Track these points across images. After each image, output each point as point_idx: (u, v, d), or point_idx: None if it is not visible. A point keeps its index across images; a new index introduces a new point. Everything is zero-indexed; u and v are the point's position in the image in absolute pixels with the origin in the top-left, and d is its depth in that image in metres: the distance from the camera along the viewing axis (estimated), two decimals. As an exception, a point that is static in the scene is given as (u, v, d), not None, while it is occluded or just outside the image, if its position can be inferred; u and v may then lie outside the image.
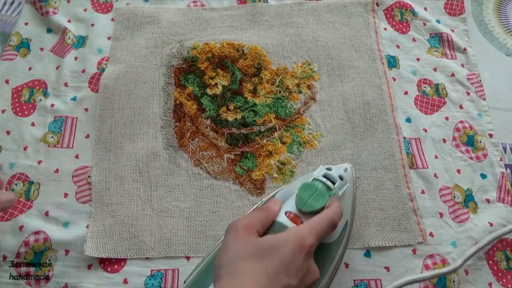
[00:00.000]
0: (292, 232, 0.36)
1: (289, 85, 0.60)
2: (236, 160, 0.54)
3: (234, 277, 0.32)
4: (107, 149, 0.54)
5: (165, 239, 0.50)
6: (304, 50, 0.63)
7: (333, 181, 0.42)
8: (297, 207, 0.40)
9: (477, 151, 0.57)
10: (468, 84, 0.62)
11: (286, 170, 0.54)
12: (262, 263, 0.33)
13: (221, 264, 0.34)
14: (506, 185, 0.55)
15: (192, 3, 0.67)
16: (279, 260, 0.33)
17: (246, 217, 0.38)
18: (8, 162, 0.53)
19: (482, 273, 0.50)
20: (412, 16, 0.67)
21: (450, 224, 0.52)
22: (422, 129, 0.58)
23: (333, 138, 0.56)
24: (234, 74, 0.60)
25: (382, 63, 0.62)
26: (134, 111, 0.57)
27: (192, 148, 0.55)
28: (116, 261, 0.49)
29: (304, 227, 0.36)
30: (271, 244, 0.34)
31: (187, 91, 0.59)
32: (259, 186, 0.53)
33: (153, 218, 0.51)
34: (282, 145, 0.55)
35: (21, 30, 0.63)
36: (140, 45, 0.62)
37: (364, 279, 0.49)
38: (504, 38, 0.67)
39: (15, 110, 0.57)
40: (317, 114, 0.58)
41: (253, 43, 0.63)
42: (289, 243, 0.34)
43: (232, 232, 0.36)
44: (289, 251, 0.33)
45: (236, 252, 0.34)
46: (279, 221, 0.38)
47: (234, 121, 0.57)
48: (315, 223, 0.37)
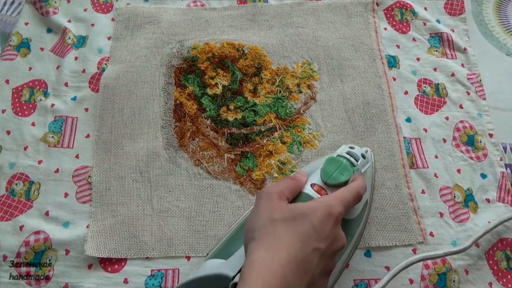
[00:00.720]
0: (320, 200, 0.38)
1: (289, 85, 0.60)
2: (236, 160, 0.54)
3: (269, 239, 0.34)
4: (107, 149, 0.54)
5: (165, 239, 0.50)
6: (304, 50, 0.63)
7: (356, 159, 0.44)
8: (322, 180, 0.42)
9: (477, 151, 0.57)
10: (468, 84, 0.62)
11: (287, 170, 0.54)
12: (294, 227, 0.35)
13: (255, 227, 0.35)
14: (506, 185, 0.55)
15: (192, 3, 0.67)
16: (309, 226, 0.35)
17: (276, 184, 0.40)
18: (8, 162, 0.53)
19: (482, 272, 0.50)
20: (412, 16, 0.67)
21: (450, 224, 0.52)
22: (422, 129, 0.58)
23: (334, 138, 0.56)
24: (234, 74, 0.60)
25: (382, 63, 0.62)
26: (135, 111, 0.57)
27: (192, 148, 0.55)
28: (117, 261, 0.49)
29: (332, 197, 0.38)
30: (302, 210, 0.36)
31: (187, 91, 0.59)
32: (260, 186, 0.53)
33: (153, 218, 0.51)
34: (283, 145, 0.55)
35: (21, 30, 0.63)
36: (140, 45, 0.62)
37: (365, 279, 0.49)
38: (504, 38, 0.67)
39: (15, 110, 0.57)
40: (317, 114, 0.58)
41: (253, 43, 0.63)
42: (319, 210, 0.36)
43: (264, 197, 0.37)
44: (319, 218, 0.35)
45: (269, 216, 0.35)
46: (306, 192, 0.41)
47: (234, 121, 0.57)
48: (343, 193, 0.39)
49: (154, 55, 0.61)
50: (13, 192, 0.52)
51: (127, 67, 0.60)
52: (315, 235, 0.35)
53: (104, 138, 0.55)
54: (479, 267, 0.50)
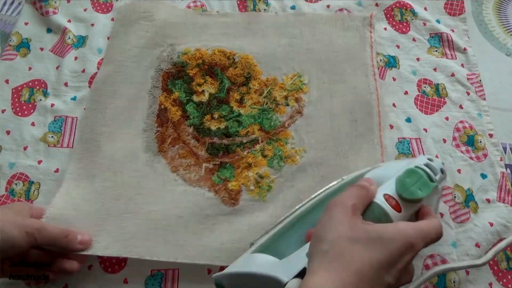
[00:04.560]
0: (402, 229, 0.34)
1: (277, 97, 0.58)
2: (214, 170, 0.53)
3: (340, 258, 0.31)
4: (85, 148, 0.53)
5: (121, 240, 0.47)
6: (296, 62, 0.60)
7: (435, 173, 0.40)
8: (397, 192, 0.38)
9: (477, 151, 0.57)
10: (468, 84, 0.62)
11: (264, 184, 0.52)
12: (370, 253, 0.31)
13: (326, 240, 0.33)
14: (506, 185, 0.55)
15: (192, 3, 0.67)
16: (387, 255, 0.32)
17: (349, 195, 0.36)
18: (8, 162, 0.53)
19: (482, 273, 0.50)
20: (412, 16, 0.67)
21: (451, 225, 0.52)
22: (423, 129, 0.58)
23: (316, 155, 0.54)
24: (223, 82, 0.59)
25: (374, 79, 0.59)
26: (117, 111, 0.56)
27: (171, 154, 0.54)
28: (117, 261, 0.49)
29: (414, 229, 0.34)
30: (380, 235, 0.33)
31: (173, 97, 0.58)
32: (234, 197, 0.51)
33: (116, 218, 0.49)
34: (263, 158, 0.54)
35: (21, 30, 0.63)
36: (132, 44, 0.60)
37: (365, 279, 0.49)
38: (504, 38, 0.67)
39: (15, 110, 0.57)
40: (303, 128, 0.56)
41: (245, 52, 0.61)
42: (398, 241, 0.32)
43: (339, 209, 0.34)
44: (398, 248, 0.32)
45: (343, 232, 0.33)
46: (378, 203, 0.37)
47: (217, 130, 0.55)
48: (428, 229, 0.35)
49: (144, 56, 0.60)
50: (13, 192, 0.52)
51: (116, 66, 0.59)
52: (388, 267, 0.32)
53: (84, 137, 0.54)
54: (479, 267, 0.50)
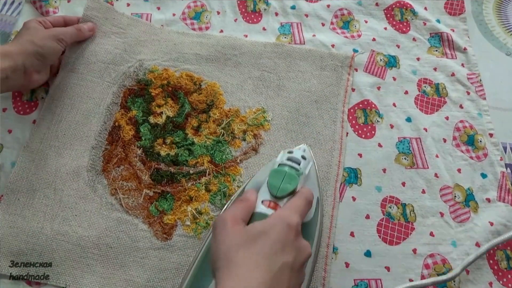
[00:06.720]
0: (276, 215, 0.37)
1: (235, 130, 0.55)
2: (153, 198, 0.51)
3: (233, 266, 0.33)
4: (31, 159, 0.52)
5: (53, 265, 0.47)
6: (263, 97, 0.58)
7: (297, 162, 0.43)
8: (271, 194, 0.41)
9: (478, 151, 0.57)
10: (468, 84, 0.62)
11: (202, 220, 0.50)
12: (256, 248, 0.34)
13: (218, 257, 0.35)
14: (506, 184, 0.55)
15: (192, 3, 0.67)
16: (271, 242, 0.34)
17: (229, 210, 0.39)
18: (10, 161, 0.53)
19: (482, 272, 0.50)
20: (412, 16, 0.67)
21: (451, 224, 0.52)
22: (423, 129, 0.58)
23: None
24: (183, 106, 0.56)
25: (342, 126, 0.56)
26: (71, 125, 0.54)
27: (114, 175, 0.52)
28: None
29: (285, 209, 0.38)
30: (259, 229, 0.35)
31: (130, 115, 0.56)
32: (167, 231, 0.49)
33: (48, 239, 0.48)
34: (206, 192, 0.52)
35: (21, 30, 0.63)
36: (98, 57, 0.58)
37: (365, 279, 0.49)
38: (504, 38, 0.67)
39: (16, 109, 0.57)
40: (254, 167, 0.53)
41: (213, 79, 0.59)
42: (276, 225, 0.36)
43: (220, 225, 0.37)
44: (278, 232, 0.35)
45: (229, 242, 0.35)
46: (259, 211, 0.40)
47: (166, 156, 0.53)
48: (295, 203, 0.39)
49: (109, 72, 0.58)
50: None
51: (77, 79, 0.57)
52: (279, 250, 0.34)
53: (32, 147, 0.53)
54: (479, 267, 0.50)
